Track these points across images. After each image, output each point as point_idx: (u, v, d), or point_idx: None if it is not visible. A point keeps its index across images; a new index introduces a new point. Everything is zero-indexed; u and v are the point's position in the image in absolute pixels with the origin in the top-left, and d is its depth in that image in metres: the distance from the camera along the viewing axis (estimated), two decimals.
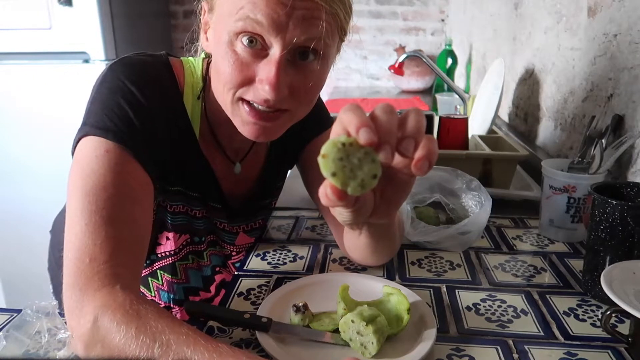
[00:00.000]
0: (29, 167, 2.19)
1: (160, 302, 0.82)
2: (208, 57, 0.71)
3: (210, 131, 0.73)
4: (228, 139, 0.74)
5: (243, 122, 0.62)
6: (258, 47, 0.57)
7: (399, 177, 0.50)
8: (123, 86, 0.62)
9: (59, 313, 0.52)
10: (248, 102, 0.60)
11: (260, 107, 0.60)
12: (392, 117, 0.44)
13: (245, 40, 0.56)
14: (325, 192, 0.45)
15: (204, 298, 0.84)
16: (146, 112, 0.62)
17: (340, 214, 0.51)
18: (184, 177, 0.72)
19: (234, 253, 0.85)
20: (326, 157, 0.43)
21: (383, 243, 0.68)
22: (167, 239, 0.76)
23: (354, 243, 0.70)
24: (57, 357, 0.46)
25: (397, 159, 0.45)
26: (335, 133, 0.45)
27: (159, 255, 0.77)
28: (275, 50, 0.56)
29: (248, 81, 0.58)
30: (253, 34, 0.56)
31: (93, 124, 0.60)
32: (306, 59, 0.59)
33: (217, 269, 0.85)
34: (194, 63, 0.72)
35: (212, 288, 0.85)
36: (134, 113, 0.61)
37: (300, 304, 0.59)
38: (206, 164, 0.73)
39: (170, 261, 0.78)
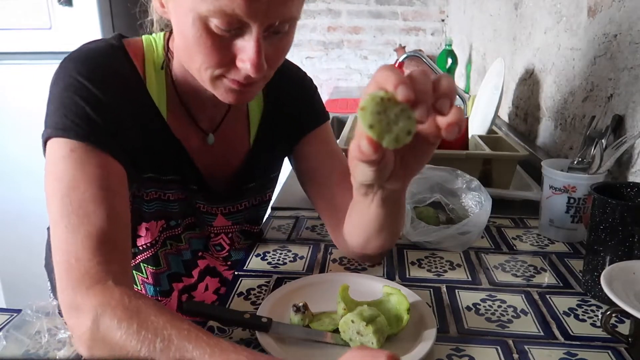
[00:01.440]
0: (28, 167, 2.19)
1: (147, 295, 0.82)
2: (170, 31, 0.70)
3: (180, 102, 0.72)
4: (200, 106, 0.73)
5: (226, 91, 0.62)
6: (234, 27, 0.56)
7: (423, 143, 0.50)
8: (75, 82, 0.62)
9: (58, 313, 0.51)
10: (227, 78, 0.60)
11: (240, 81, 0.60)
12: (428, 79, 0.46)
13: (220, 21, 0.55)
14: (358, 145, 0.46)
15: (187, 284, 0.83)
16: (104, 105, 0.62)
17: (363, 171, 0.51)
18: (156, 161, 0.71)
19: (212, 235, 0.84)
20: (365, 110, 0.44)
21: (390, 218, 0.65)
22: (147, 229, 0.75)
23: (361, 218, 0.67)
24: (57, 357, 0.46)
25: (429, 123, 0.47)
26: (371, 90, 0.46)
27: (141, 248, 0.77)
28: (254, 30, 0.55)
29: (227, 61, 0.58)
30: (229, 15, 0.54)
31: (53, 126, 0.61)
32: (280, 32, 0.59)
33: (200, 253, 0.84)
34: (155, 38, 0.71)
35: (195, 273, 0.84)
36: (92, 108, 0.61)
37: (300, 304, 0.59)
38: (178, 144, 0.72)
39: (152, 252, 0.77)
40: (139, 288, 0.81)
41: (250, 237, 0.89)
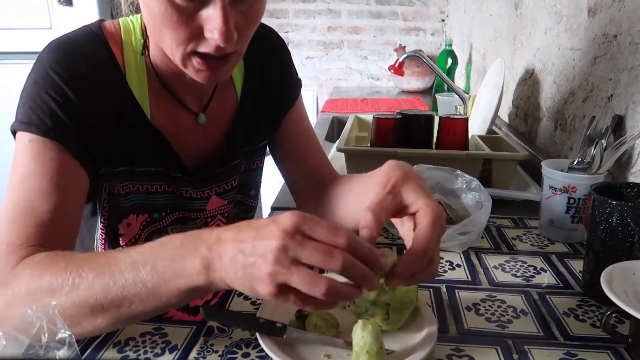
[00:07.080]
0: None
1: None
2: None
3: (163, 86, 0.71)
4: (184, 87, 0.72)
5: (196, 72, 0.62)
6: None
7: None
8: (47, 76, 0.62)
9: (58, 313, 0.52)
10: (199, 54, 0.60)
11: (212, 54, 0.59)
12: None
13: None
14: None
15: None
16: (71, 103, 0.62)
17: None
18: (134, 154, 0.70)
19: (209, 219, 0.81)
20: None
21: None
22: (128, 225, 0.73)
23: None
24: (57, 357, 0.46)
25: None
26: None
27: (124, 246, 0.74)
28: None
29: (196, 34, 0.58)
30: None
31: (19, 119, 0.62)
32: None
33: None
34: (133, 20, 0.70)
35: None
36: (57, 105, 0.61)
37: (306, 313, 0.58)
38: (157, 134, 0.70)
39: None
40: None
41: (249, 210, 0.88)
